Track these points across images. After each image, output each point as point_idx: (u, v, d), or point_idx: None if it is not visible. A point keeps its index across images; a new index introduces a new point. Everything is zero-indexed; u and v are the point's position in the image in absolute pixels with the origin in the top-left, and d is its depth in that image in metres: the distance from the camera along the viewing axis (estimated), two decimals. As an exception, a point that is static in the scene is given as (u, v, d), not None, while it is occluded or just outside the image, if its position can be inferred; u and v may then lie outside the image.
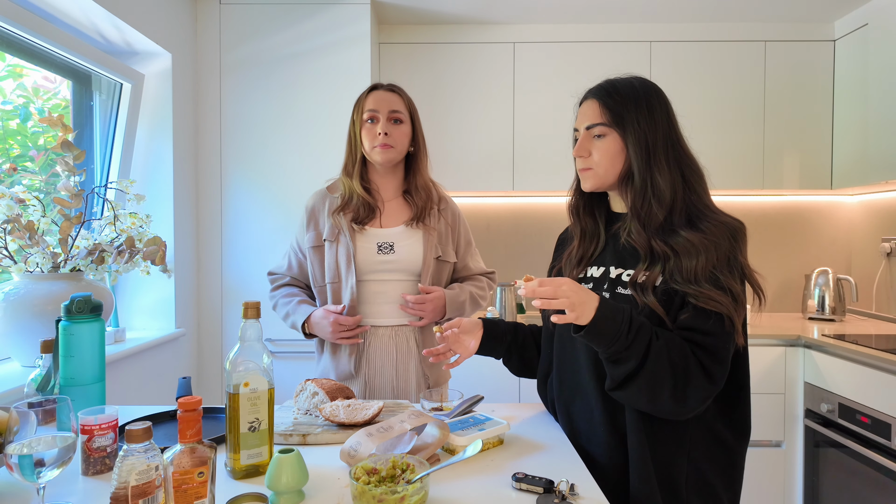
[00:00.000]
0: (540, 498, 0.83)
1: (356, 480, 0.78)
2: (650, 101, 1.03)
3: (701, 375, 0.93)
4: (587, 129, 1.07)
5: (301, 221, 1.55)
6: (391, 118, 1.45)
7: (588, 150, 1.07)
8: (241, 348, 0.92)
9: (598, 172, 1.06)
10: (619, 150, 1.04)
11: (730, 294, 0.95)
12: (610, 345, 0.91)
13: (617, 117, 1.03)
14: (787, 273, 2.88)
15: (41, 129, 1.75)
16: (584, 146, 1.07)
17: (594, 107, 1.06)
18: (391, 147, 1.44)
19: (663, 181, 1.01)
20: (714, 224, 0.99)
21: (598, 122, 1.05)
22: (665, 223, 1.01)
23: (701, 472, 1.00)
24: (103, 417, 0.93)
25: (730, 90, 2.65)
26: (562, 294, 0.90)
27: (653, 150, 1.02)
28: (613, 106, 1.04)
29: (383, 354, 1.46)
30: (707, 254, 0.96)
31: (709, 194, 1.06)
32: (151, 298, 2.16)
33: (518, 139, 2.66)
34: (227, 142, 2.35)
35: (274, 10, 2.33)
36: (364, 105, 1.47)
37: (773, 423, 2.27)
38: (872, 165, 2.39)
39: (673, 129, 1.05)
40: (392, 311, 1.47)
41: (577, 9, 2.52)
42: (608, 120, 1.04)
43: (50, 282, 1.48)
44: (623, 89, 1.05)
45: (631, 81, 1.07)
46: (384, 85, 1.50)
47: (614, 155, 1.04)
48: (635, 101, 1.03)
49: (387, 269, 1.45)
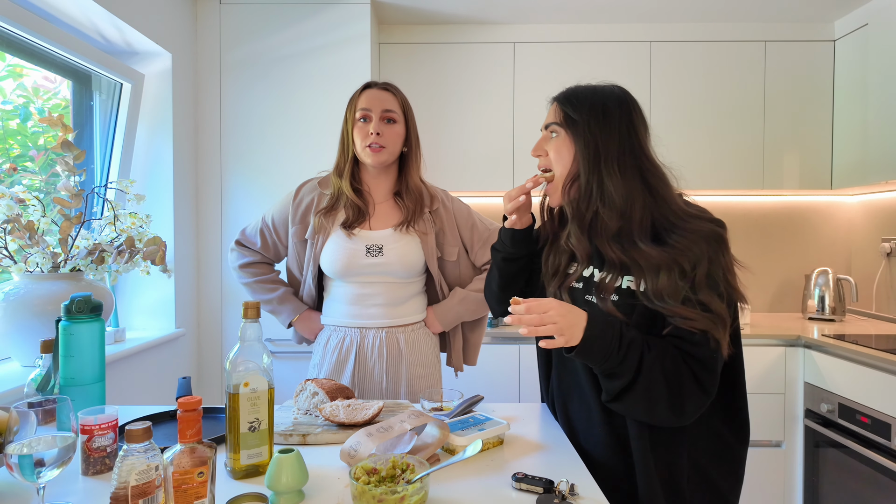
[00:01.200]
0: (540, 498, 0.83)
1: (356, 480, 0.78)
2: (607, 107, 1.02)
3: (694, 385, 0.94)
4: (546, 128, 1.10)
5: (286, 205, 1.51)
6: (384, 118, 1.42)
7: (544, 149, 1.10)
8: (241, 348, 0.92)
9: (556, 172, 1.07)
10: (568, 149, 1.04)
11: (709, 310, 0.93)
12: (602, 362, 0.93)
13: (568, 118, 1.04)
14: (787, 273, 2.88)
15: (41, 129, 1.75)
16: (539, 144, 1.10)
17: (553, 108, 1.09)
18: (383, 148, 1.41)
19: (614, 187, 0.99)
20: (686, 234, 0.96)
21: (552, 121, 1.08)
22: (622, 232, 0.99)
23: (703, 471, 1.00)
24: (103, 417, 0.93)
25: (730, 90, 2.65)
26: (548, 320, 0.91)
27: (603, 155, 1.00)
28: (568, 107, 1.05)
29: (373, 357, 1.46)
30: (670, 271, 0.94)
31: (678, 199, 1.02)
32: (151, 298, 2.16)
33: (518, 139, 2.66)
34: (227, 142, 2.35)
35: (274, 10, 2.33)
36: (357, 104, 1.44)
37: (773, 423, 2.27)
38: (872, 165, 2.39)
39: (634, 137, 1.02)
40: (381, 314, 1.46)
41: (577, 9, 2.52)
42: (560, 120, 1.05)
43: (50, 282, 1.48)
44: (582, 94, 1.06)
45: (594, 88, 1.07)
46: (378, 83, 1.47)
47: (565, 155, 1.05)
48: (590, 106, 1.03)
49: (375, 272, 1.44)
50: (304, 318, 1.53)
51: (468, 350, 1.63)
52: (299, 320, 1.53)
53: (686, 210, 1.01)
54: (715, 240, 0.96)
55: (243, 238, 1.58)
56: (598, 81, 1.10)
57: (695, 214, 1.00)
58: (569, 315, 0.92)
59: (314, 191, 1.50)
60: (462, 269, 1.55)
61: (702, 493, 1.00)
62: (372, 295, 1.45)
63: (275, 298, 1.51)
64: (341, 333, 1.47)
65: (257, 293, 1.53)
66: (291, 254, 1.52)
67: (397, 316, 1.47)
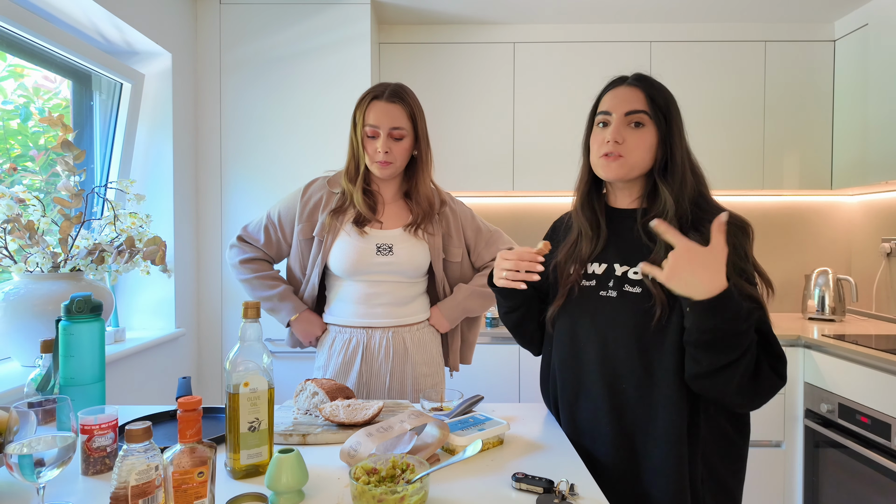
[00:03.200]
0: (540, 498, 0.83)
1: (356, 480, 0.78)
2: (676, 104, 1.07)
3: (770, 372, 0.94)
4: (627, 114, 1.04)
5: (294, 202, 1.50)
6: (392, 135, 1.40)
7: (623, 136, 1.04)
8: (241, 348, 0.92)
9: (629, 161, 1.04)
10: (654, 142, 1.04)
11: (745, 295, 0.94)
12: (728, 321, 0.86)
13: (663, 109, 1.04)
14: (787, 273, 2.88)
15: (41, 129, 1.75)
16: (619, 131, 1.04)
17: (637, 94, 1.05)
18: (390, 164, 1.41)
19: (688, 178, 1.04)
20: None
21: (641, 108, 1.04)
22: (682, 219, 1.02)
23: (714, 470, 1.00)
24: (103, 417, 0.93)
25: (730, 90, 2.65)
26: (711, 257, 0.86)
27: (680, 148, 1.04)
28: (658, 98, 1.05)
29: (379, 356, 1.46)
30: None
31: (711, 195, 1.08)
32: (151, 298, 2.16)
33: (518, 139, 2.66)
34: (227, 141, 2.35)
35: (274, 9, 2.33)
36: (366, 116, 1.40)
37: (773, 424, 2.27)
38: (872, 166, 2.39)
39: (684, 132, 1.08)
40: (388, 313, 1.46)
41: (577, 9, 2.52)
42: (651, 111, 1.04)
43: (50, 282, 1.48)
44: (660, 86, 1.07)
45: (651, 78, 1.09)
46: (386, 93, 1.40)
47: (651, 146, 1.04)
48: (672, 100, 1.06)
49: (385, 271, 1.44)
50: (302, 318, 1.50)
51: (465, 349, 1.64)
52: (298, 320, 1.50)
53: (716, 203, 1.05)
54: (746, 228, 1.01)
55: (245, 234, 1.55)
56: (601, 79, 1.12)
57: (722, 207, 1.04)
58: (709, 264, 0.86)
59: (323, 189, 1.50)
60: (464, 269, 1.57)
61: (713, 491, 1.00)
62: (379, 294, 1.45)
63: (275, 295, 1.49)
64: (347, 334, 1.47)
65: (257, 290, 1.50)
66: (294, 252, 1.51)
67: (403, 315, 1.47)
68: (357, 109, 1.43)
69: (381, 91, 1.41)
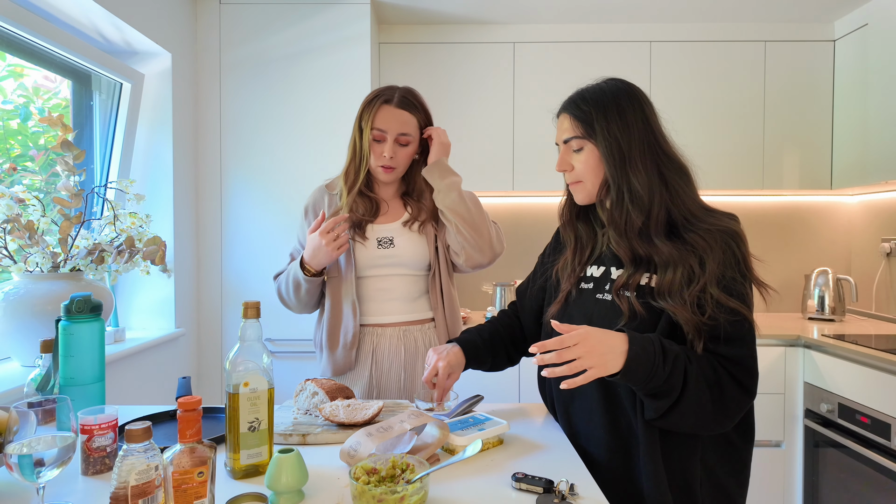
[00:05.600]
0: (540, 498, 0.83)
1: (356, 480, 0.78)
2: (620, 105, 1.01)
3: (735, 389, 0.92)
4: (565, 142, 1.06)
5: (301, 220, 1.54)
6: (398, 141, 1.40)
7: (570, 164, 1.06)
8: (240, 348, 0.91)
9: (586, 186, 1.05)
10: (597, 159, 1.03)
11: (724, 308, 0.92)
12: (647, 382, 0.88)
13: (588, 128, 1.02)
14: (787, 273, 2.88)
15: (41, 129, 1.75)
16: (564, 160, 1.06)
17: (566, 120, 1.06)
18: (393, 169, 1.43)
19: (640, 185, 0.98)
20: (702, 235, 0.96)
21: (572, 135, 1.04)
22: (643, 228, 0.99)
23: (714, 475, 1.00)
24: (103, 417, 0.93)
25: (730, 90, 2.65)
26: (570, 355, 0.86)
27: (628, 155, 0.99)
28: (583, 117, 1.02)
29: (391, 354, 1.45)
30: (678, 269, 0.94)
31: (696, 195, 1.03)
32: (151, 298, 2.16)
33: (518, 139, 2.66)
34: (227, 142, 2.35)
35: (274, 10, 2.33)
36: (373, 119, 1.39)
37: (773, 423, 2.27)
38: (872, 165, 2.39)
39: (650, 129, 1.02)
40: (397, 309, 1.47)
41: (577, 9, 2.52)
42: (581, 132, 1.03)
43: (50, 282, 1.48)
44: (592, 97, 1.03)
45: (601, 86, 1.05)
46: (396, 100, 1.40)
47: (595, 166, 1.03)
48: (604, 108, 1.01)
49: (388, 264, 1.45)
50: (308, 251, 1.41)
51: None
52: (305, 255, 1.41)
53: (702, 204, 1.02)
54: (735, 236, 0.97)
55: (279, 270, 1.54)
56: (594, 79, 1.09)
57: (709, 209, 1.01)
58: (604, 341, 0.87)
59: (322, 192, 1.52)
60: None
61: (712, 496, 1.00)
62: (387, 289, 1.46)
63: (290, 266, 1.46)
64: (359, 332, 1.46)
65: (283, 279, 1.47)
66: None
67: (411, 312, 1.48)
68: (364, 110, 1.42)
69: (391, 95, 1.41)
